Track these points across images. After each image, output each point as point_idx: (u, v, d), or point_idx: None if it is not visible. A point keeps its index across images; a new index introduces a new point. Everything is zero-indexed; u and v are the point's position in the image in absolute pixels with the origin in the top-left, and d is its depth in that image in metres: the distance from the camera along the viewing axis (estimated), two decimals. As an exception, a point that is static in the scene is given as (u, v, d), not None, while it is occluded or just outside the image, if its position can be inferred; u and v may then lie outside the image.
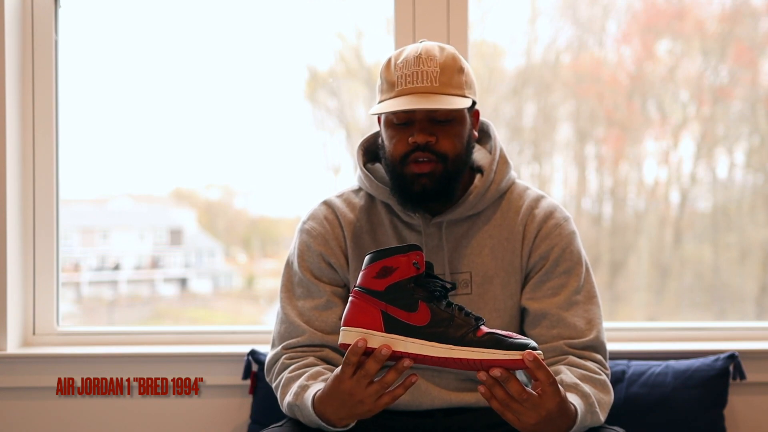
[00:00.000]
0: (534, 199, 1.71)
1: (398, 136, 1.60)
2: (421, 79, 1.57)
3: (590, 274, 1.70)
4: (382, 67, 1.64)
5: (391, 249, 1.37)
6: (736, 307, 2.50)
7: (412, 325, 1.34)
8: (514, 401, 1.34)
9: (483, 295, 1.66)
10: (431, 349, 1.34)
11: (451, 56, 1.60)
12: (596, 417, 1.52)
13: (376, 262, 1.37)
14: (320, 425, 1.50)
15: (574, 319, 1.63)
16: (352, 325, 1.37)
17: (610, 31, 2.53)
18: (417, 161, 1.58)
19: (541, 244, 1.67)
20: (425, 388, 1.66)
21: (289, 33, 2.40)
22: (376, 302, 1.36)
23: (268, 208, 2.63)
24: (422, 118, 1.58)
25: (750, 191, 2.50)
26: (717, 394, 2.02)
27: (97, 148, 2.42)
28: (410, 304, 1.35)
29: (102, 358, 2.17)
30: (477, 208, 1.67)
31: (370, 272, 1.37)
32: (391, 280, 1.35)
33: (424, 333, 1.34)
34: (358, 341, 1.34)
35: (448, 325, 1.34)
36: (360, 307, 1.37)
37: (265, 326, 2.37)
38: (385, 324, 1.35)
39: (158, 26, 2.41)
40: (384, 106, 1.59)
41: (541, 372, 1.32)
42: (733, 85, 2.48)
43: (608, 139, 2.56)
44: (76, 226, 2.56)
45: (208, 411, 2.18)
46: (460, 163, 1.61)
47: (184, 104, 2.43)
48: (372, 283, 1.36)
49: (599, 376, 1.58)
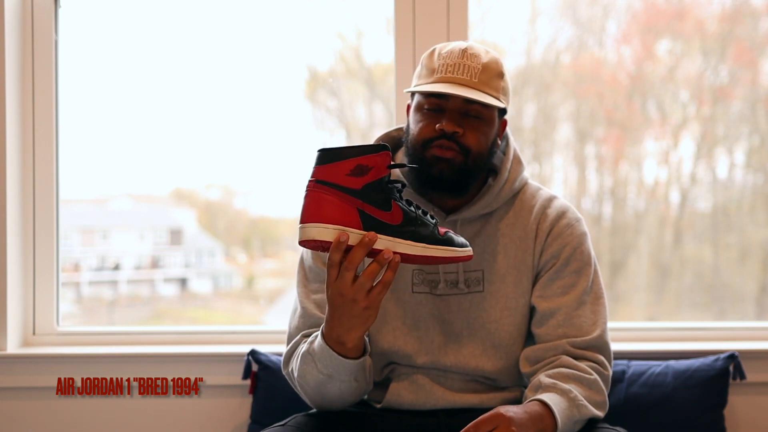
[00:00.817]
0: (547, 199, 1.73)
1: (426, 120, 1.62)
2: (463, 71, 1.59)
3: (598, 275, 1.71)
4: (425, 56, 1.66)
5: (357, 147, 1.36)
6: (736, 307, 2.50)
7: (387, 224, 1.36)
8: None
9: (495, 293, 1.67)
10: (408, 247, 1.37)
11: (495, 60, 1.63)
12: (585, 409, 1.52)
13: (348, 159, 1.35)
14: (335, 359, 1.47)
15: (580, 319, 1.64)
16: (327, 222, 1.34)
17: (610, 31, 2.54)
18: (441, 147, 1.59)
19: (553, 243, 1.68)
20: (429, 388, 1.66)
21: (289, 33, 2.40)
22: (352, 200, 1.35)
23: (268, 208, 2.63)
24: (454, 109, 1.60)
25: (750, 191, 2.50)
26: (717, 394, 2.02)
27: (97, 148, 2.42)
28: (385, 203, 1.36)
29: (102, 358, 2.17)
30: (491, 206, 1.69)
31: (342, 169, 1.35)
32: (368, 179, 1.35)
33: (399, 231, 1.37)
34: (341, 236, 1.34)
35: (417, 224, 1.39)
36: (334, 203, 1.34)
37: (265, 326, 2.38)
38: (363, 222, 1.35)
39: (158, 26, 2.41)
40: (421, 86, 1.61)
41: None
42: (733, 85, 2.48)
43: (608, 139, 2.56)
44: (76, 226, 2.56)
45: (208, 411, 2.18)
46: (480, 160, 1.63)
47: (184, 104, 2.43)
48: (346, 180, 1.34)
49: (590, 376, 1.58)
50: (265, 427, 1.66)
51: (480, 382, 1.68)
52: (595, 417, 1.56)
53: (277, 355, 2.08)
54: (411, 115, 1.67)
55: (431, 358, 1.66)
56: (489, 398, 1.67)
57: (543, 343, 1.64)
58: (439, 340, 1.67)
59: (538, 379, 1.57)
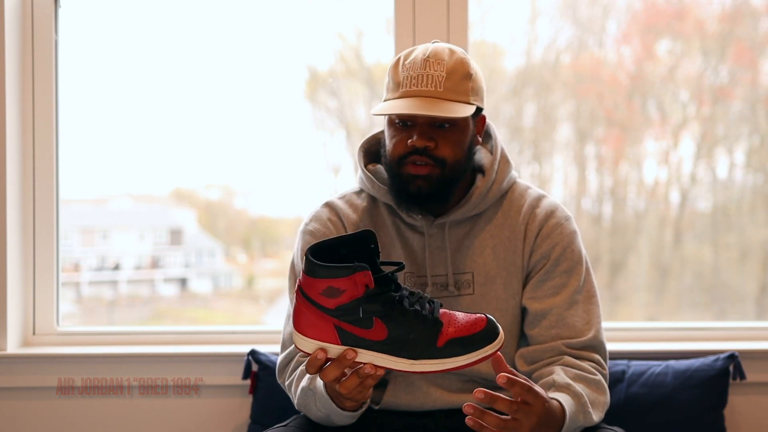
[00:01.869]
0: (535, 198, 1.71)
1: (399, 136, 1.60)
2: (426, 82, 1.56)
3: (590, 273, 1.70)
4: (391, 65, 1.64)
5: (334, 268, 1.24)
6: (736, 307, 2.50)
7: (369, 340, 1.27)
8: (508, 421, 1.35)
9: (485, 296, 1.66)
10: (392, 363, 1.27)
11: (460, 61, 1.59)
12: (589, 417, 1.52)
13: (320, 279, 1.24)
14: (330, 408, 1.48)
15: (573, 319, 1.63)
16: (306, 335, 1.28)
17: (610, 31, 2.54)
18: (415, 163, 1.58)
19: (542, 243, 1.67)
20: (426, 389, 1.66)
21: (289, 33, 2.39)
22: (327, 318, 1.26)
23: (268, 208, 2.63)
24: (423, 122, 1.58)
25: (750, 191, 2.50)
26: (717, 394, 2.02)
27: (97, 148, 2.42)
28: (364, 321, 1.26)
29: (102, 358, 2.17)
30: (479, 208, 1.67)
31: (316, 286, 1.25)
32: (339, 301, 1.25)
33: (382, 347, 1.27)
34: (317, 353, 1.28)
35: (406, 339, 1.26)
36: (310, 319, 1.27)
37: (265, 326, 2.37)
38: (341, 337, 1.27)
39: (158, 26, 2.41)
40: (386, 106, 1.59)
41: (516, 387, 1.34)
42: (733, 85, 2.48)
43: (608, 139, 2.56)
44: (76, 226, 2.56)
45: (208, 411, 2.18)
46: (458, 169, 1.61)
47: (184, 104, 2.43)
48: (319, 298, 1.25)
49: (594, 376, 1.58)
50: (264, 427, 1.66)
51: (477, 382, 1.67)
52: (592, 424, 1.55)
53: (277, 356, 2.08)
54: (385, 128, 1.65)
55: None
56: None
57: (537, 344, 1.64)
58: None
59: (552, 378, 1.55)
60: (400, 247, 1.67)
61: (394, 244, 1.68)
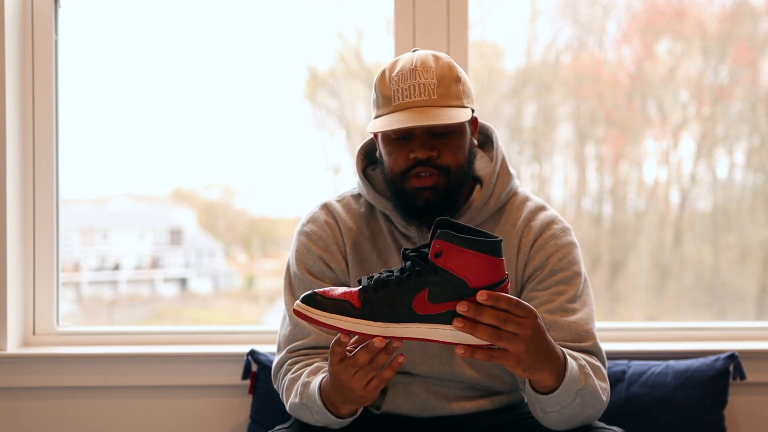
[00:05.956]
0: (531, 211, 1.68)
1: (398, 151, 1.57)
2: (419, 92, 1.54)
3: (588, 286, 1.66)
4: (376, 79, 1.60)
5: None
6: (736, 307, 2.50)
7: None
8: (506, 322, 1.25)
9: None
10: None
11: (447, 66, 1.57)
12: (591, 380, 1.45)
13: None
14: (329, 419, 1.49)
15: (570, 326, 1.57)
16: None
17: (610, 31, 2.54)
18: (419, 176, 1.55)
19: (536, 255, 1.63)
20: (425, 397, 1.65)
21: (289, 33, 2.40)
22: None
23: (268, 208, 2.63)
24: (422, 133, 1.55)
25: (750, 191, 2.50)
26: (717, 394, 2.02)
27: (97, 148, 2.42)
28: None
29: (102, 358, 2.17)
30: (474, 222, 1.65)
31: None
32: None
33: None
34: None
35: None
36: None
37: (265, 326, 2.37)
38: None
39: (158, 26, 2.41)
40: (382, 123, 1.55)
41: (502, 302, 1.25)
42: (733, 85, 2.48)
43: (608, 139, 2.56)
44: (76, 226, 2.56)
45: (208, 411, 2.18)
46: (462, 174, 1.59)
47: (184, 104, 2.43)
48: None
49: (595, 362, 1.53)
50: (264, 427, 1.66)
51: (476, 389, 1.66)
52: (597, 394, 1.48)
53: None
54: (380, 145, 1.62)
55: (425, 368, 1.65)
56: (486, 403, 1.66)
57: None
58: (432, 350, 1.65)
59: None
60: (396, 254, 1.67)
61: (391, 252, 1.67)
